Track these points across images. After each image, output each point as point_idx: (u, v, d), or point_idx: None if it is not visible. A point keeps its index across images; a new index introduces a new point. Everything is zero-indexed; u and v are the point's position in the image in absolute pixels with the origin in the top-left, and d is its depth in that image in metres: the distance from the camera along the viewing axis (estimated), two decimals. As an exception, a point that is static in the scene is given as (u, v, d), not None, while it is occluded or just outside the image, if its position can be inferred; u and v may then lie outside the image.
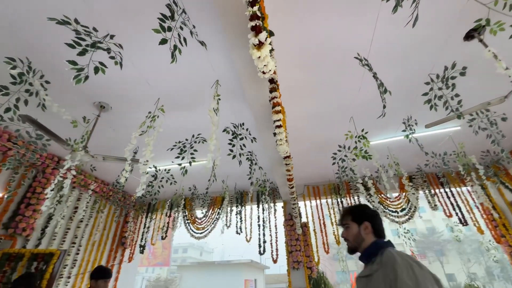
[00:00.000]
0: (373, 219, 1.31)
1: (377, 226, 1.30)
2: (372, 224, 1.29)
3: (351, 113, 3.26)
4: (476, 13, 2.01)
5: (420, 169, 5.02)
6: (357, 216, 1.33)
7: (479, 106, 2.29)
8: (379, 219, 1.33)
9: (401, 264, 1.05)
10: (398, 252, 1.13)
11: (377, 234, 1.28)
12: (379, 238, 1.28)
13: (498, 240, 4.64)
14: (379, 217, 1.35)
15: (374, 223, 1.30)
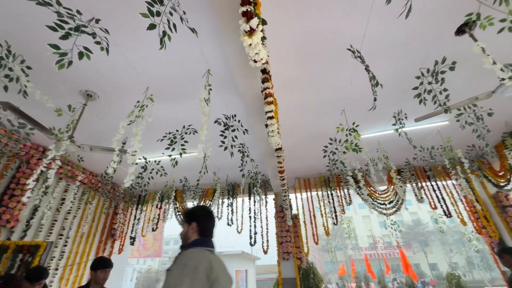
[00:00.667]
0: (201, 220, 1.42)
1: (203, 226, 1.41)
2: (199, 224, 1.40)
3: (343, 106, 3.27)
4: (468, 8, 2.02)
5: (408, 162, 5.13)
6: (187, 218, 1.45)
7: (467, 101, 2.34)
8: (209, 220, 1.46)
9: (180, 263, 1.19)
10: (193, 252, 1.27)
11: (203, 233, 1.39)
12: (205, 237, 1.39)
13: (479, 231, 4.84)
14: (210, 218, 1.47)
15: (201, 223, 1.41)
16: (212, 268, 1.20)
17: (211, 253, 1.33)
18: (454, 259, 30.64)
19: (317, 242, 5.37)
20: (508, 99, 3.03)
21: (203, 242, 1.36)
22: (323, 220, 5.33)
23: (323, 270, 31.40)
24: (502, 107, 3.38)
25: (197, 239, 1.37)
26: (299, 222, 5.40)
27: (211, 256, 1.29)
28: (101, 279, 2.17)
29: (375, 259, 28.81)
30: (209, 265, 1.21)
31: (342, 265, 21.58)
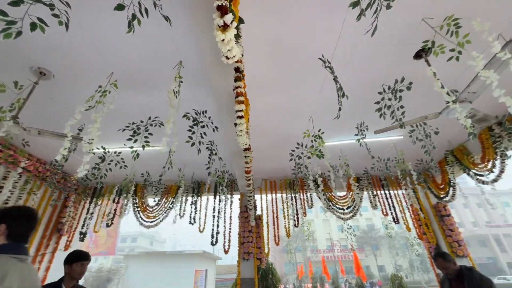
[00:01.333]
0: (12, 222, 1.26)
1: (14, 230, 1.25)
2: (9, 227, 1.24)
3: (311, 113, 3.40)
4: (426, 35, 2.24)
5: (366, 171, 5.52)
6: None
7: (418, 119, 2.59)
8: (24, 223, 1.29)
9: None
10: None
11: (14, 238, 1.24)
12: (16, 242, 1.24)
13: (420, 237, 5.39)
14: (26, 220, 1.31)
15: (12, 226, 1.25)
16: (10, 278, 1.04)
17: (20, 261, 1.17)
18: (399, 262, 33.67)
19: (278, 243, 5.49)
20: (452, 120, 3.42)
21: (11, 248, 1.19)
22: (285, 221, 5.47)
23: (282, 270, 32.21)
24: (447, 128, 3.80)
25: (3, 244, 1.19)
26: (262, 223, 5.47)
27: (17, 266, 1.13)
28: (77, 273, 1.98)
29: (332, 261, 30.43)
30: (9, 276, 1.05)
31: (301, 267, 22.39)
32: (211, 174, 4.37)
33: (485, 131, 3.81)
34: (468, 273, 2.55)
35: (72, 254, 2.05)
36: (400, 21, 2.17)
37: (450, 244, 4.84)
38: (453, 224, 5.05)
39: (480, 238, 33.11)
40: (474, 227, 34.48)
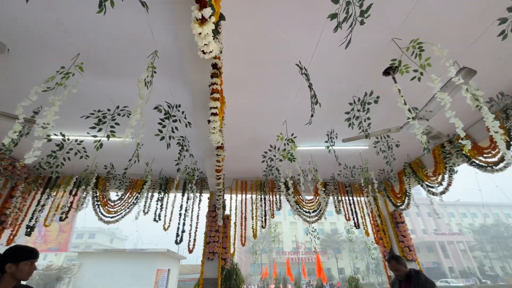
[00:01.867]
0: None
1: None
2: None
3: (285, 117, 3.47)
4: (396, 54, 2.42)
5: (333, 177, 5.77)
6: None
7: (382, 131, 2.78)
8: None
9: None
10: None
11: None
12: None
13: (377, 241, 5.77)
14: None
15: None
16: None
17: None
18: (358, 264, 35.73)
19: (244, 243, 5.50)
20: (411, 135, 3.72)
21: None
22: (253, 222, 5.50)
23: (247, 271, 32.34)
24: (407, 142, 4.12)
25: None
26: (229, 223, 5.44)
27: None
28: (25, 273, 1.65)
29: (296, 262, 31.25)
30: None
31: (266, 268, 22.67)
32: (181, 170, 4.24)
33: (438, 148, 4.21)
34: (415, 275, 2.78)
35: (18, 250, 1.70)
36: (373, 38, 2.31)
37: (402, 248, 5.25)
38: (406, 231, 5.49)
39: (428, 244, 36.46)
40: (424, 234, 37.82)
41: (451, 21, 2.14)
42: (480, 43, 2.30)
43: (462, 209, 43.83)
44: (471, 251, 37.00)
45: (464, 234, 38.60)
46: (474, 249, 37.73)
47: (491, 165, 3.55)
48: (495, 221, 40.16)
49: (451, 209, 42.78)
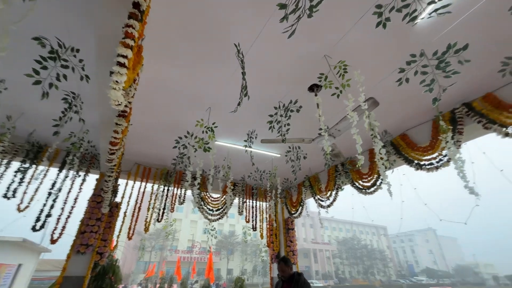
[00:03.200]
0: None
1: None
2: None
3: (210, 104, 3.23)
4: (324, 68, 2.61)
5: (243, 178, 5.86)
6: None
7: (297, 140, 2.95)
8: None
9: None
10: None
11: None
12: None
13: (268, 245, 6.18)
14: None
15: None
16: None
17: None
18: (246, 266, 38.13)
19: (131, 237, 4.78)
20: (318, 150, 4.16)
21: None
22: (147, 215, 4.87)
23: (131, 269, 29.10)
24: (313, 156, 4.60)
25: None
26: (117, 212, 4.62)
27: None
28: None
29: (188, 262, 30.39)
30: None
31: (153, 266, 20.94)
32: (62, 137, 3.28)
33: (333, 167, 4.91)
34: (297, 277, 3.05)
35: None
36: (310, 50, 2.42)
37: (287, 252, 5.78)
38: (294, 237, 6.12)
39: (304, 251, 43.00)
40: (303, 242, 44.33)
41: (372, 56, 2.49)
42: (384, 84, 2.78)
43: (334, 224, 54.21)
44: (332, 258, 46.02)
45: (331, 244, 47.70)
46: (335, 257, 47.05)
47: (365, 188, 4.38)
48: (352, 235, 51.46)
49: (326, 223, 52.34)
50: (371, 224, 58.37)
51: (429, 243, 64.36)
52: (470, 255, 69.41)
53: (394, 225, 63.72)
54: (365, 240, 52.39)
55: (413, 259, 62.65)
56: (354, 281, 40.06)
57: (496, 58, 2.50)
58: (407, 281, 40.65)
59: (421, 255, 62.24)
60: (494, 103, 2.94)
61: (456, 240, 73.99)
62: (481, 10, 2.01)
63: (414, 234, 65.60)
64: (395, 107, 3.21)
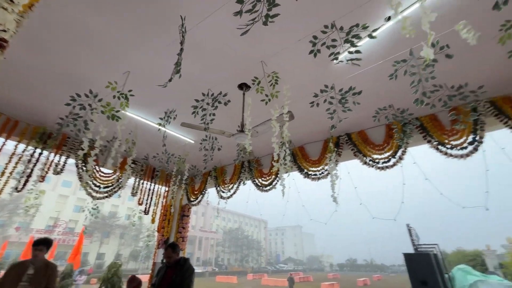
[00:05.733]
0: None
1: None
2: None
3: (131, 68, 2.81)
4: (260, 73, 2.78)
5: (146, 158, 5.37)
6: None
7: (218, 131, 3.01)
8: None
9: None
10: None
11: None
12: None
13: (159, 230, 5.92)
14: None
15: None
16: None
17: None
18: (123, 251, 34.64)
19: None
20: (233, 145, 4.35)
21: None
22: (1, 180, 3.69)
23: None
24: (227, 149, 4.75)
25: None
26: None
27: None
28: None
29: (43, 244, 24.62)
30: None
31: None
32: None
33: (241, 163, 5.25)
34: (184, 262, 3.10)
35: None
36: (251, 51, 2.53)
37: (177, 239, 5.73)
38: (187, 224, 6.12)
39: (191, 238, 43.43)
40: (192, 230, 44.68)
41: (299, 76, 2.86)
42: (302, 101, 3.24)
43: (224, 214, 57.30)
44: (216, 246, 48.67)
45: (218, 232, 50.24)
46: (219, 245, 49.97)
47: (263, 186, 4.93)
48: (238, 226, 56.09)
49: (216, 213, 54.86)
50: (256, 218, 65.40)
51: (296, 237, 78.46)
52: (320, 248, 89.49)
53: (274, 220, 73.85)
54: (248, 231, 58.20)
55: (281, 250, 74.83)
56: (230, 268, 43.79)
57: (372, 107, 3.41)
58: (272, 267, 48.31)
59: (287, 247, 75.21)
60: (363, 138, 3.99)
61: (313, 235, 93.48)
62: (374, 69, 2.71)
63: (286, 229, 78.47)
64: (303, 123, 3.80)
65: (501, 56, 2.43)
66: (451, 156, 3.37)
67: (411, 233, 8.81)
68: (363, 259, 71.67)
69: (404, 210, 4.47)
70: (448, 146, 3.37)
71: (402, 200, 4.12)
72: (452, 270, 8.29)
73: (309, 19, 2.18)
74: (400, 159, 3.65)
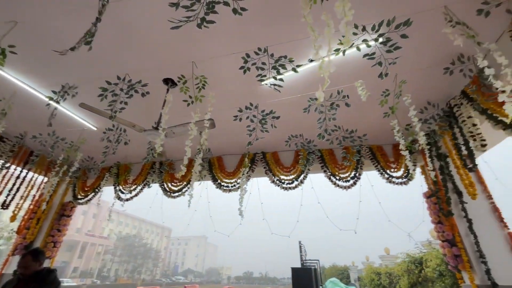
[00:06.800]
0: None
1: None
2: None
3: (21, 18, 2.18)
4: (187, 72, 2.65)
5: (22, 137, 4.16)
6: None
7: (128, 122, 2.65)
8: None
9: None
10: None
11: None
12: None
13: (20, 231, 4.58)
14: None
15: None
16: None
17: None
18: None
19: None
20: (143, 142, 3.93)
21: None
22: None
23: None
24: (137, 144, 4.22)
25: None
26: None
27: None
28: None
29: None
30: None
31: None
32: None
33: (151, 164, 4.77)
34: (47, 274, 2.45)
35: None
36: (183, 47, 2.41)
37: (47, 243, 4.58)
38: (66, 225, 5.01)
39: (72, 243, 35.57)
40: (76, 233, 36.78)
41: (228, 87, 2.89)
42: (226, 113, 3.26)
43: (122, 218, 50.31)
44: (104, 254, 41.50)
45: (110, 239, 43.24)
46: (108, 253, 42.79)
47: (171, 192, 4.62)
48: (137, 232, 50.05)
49: (115, 216, 47.24)
50: (159, 224, 60.14)
51: (199, 248, 76.21)
52: (222, 260, 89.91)
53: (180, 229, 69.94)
54: (147, 238, 52.59)
55: (181, 261, 70.83)
56: (119, 280, 37.95)
57: (286, 132, 3.79)
58: (168, 279, 44.72)
59: (188, 258, 71.94)
60: (276, 159, 4.35)
61: (217, 247, 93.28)
62: (293, 100, 3.04)
63: (191, 239, 75.41)
64: (224, 134, 3.83)
65: (380, 115, 3.17)
66: (338, 186, 4.07)
67: (301, 249, 9.99)
68: (259, 272, 76.06)
69: (299, 228, 5.03)
70: (337, 177, 4.06)
71: (297, 219, 4.64)
72: (326, 282, 9.77)
73: (246, 37, 2.27)
74: (301, 182, 4.13)
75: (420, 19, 2.07)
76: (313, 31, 1.23)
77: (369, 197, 4.27)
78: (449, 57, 2.47)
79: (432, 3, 1.98)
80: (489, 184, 3.36)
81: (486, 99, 2.41)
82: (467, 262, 2.88)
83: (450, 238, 3.16)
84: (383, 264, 10.26)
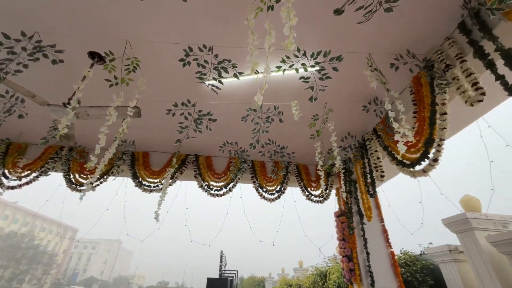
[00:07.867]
0: None
1: None
2: None
3: None
4: (118, 50, 2.32)
5: None
6: None
7: (25, 91, 2.11)
8: None
9: None
10: None
11: None
12: None
13: None
14: None
15: None
16: None
17: None
18: None
19: None
20: (49, 118, 3.26)
21: None
22: None
23: None
24: (37, 120, 3.46)
25: None
26: None
27: None
28: None
29: None
30: None
31: None
32: None
33: (56, 147, 3.98)
34: None
35: None
36: (118, 20, 2.12)
37: None
38: None
39: None
40: None
41: (166, 78, 2.66)
42: (158, 105, 2.99)
43: (9, 211, 40.39)
44: (-30, 256, 32.03)
45: (-16, 236, 33.82)
46: (-23, 255, 33.25)
47: (78, 185, 3.92)
48: (28, 230, 40.65)
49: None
50: (61, 223, 50.46)
51: (110, 253, 66.84)
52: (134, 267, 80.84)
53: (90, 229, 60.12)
54: (42, 239, 43.34)
55: (83, 267, 60.40)
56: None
57: (222, 138, 3.73)
58: (60, 290, 37.28)
59: (94, 264, 61.94)
60: (208, 164, 4.21)
61: (132, 253, 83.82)
62: (232, 106, 3.03)
63: (101, 242, 65.48)
64: (154, 128, 3.50)
65: (307, 136, 3.45)
66: (264, 198, 4.19)
67: (222, 259, 9.84)
68: (175, 282, 71.30)
69: (223, 237, 4.91)
70: (264, 189, 4.18)
71: (221, 228, 4.55)
72: (242, 293, 9.82)
73: (193, 30, 2.15)
74: (230, 190, 4.09)
75: (350, 58, 2.36)
76: (252, 35, 1.24)
77: (290, 211, 4.53)
78: (367, 98, 2.90)
79: (361, 48, 2.30)
80: (383, 209, 4.01)
81: (388, 138, 2.90)
82: (358, 276, 3.30)
83: (349, 254, 3.59)
84: (296, 276, 10.98)
